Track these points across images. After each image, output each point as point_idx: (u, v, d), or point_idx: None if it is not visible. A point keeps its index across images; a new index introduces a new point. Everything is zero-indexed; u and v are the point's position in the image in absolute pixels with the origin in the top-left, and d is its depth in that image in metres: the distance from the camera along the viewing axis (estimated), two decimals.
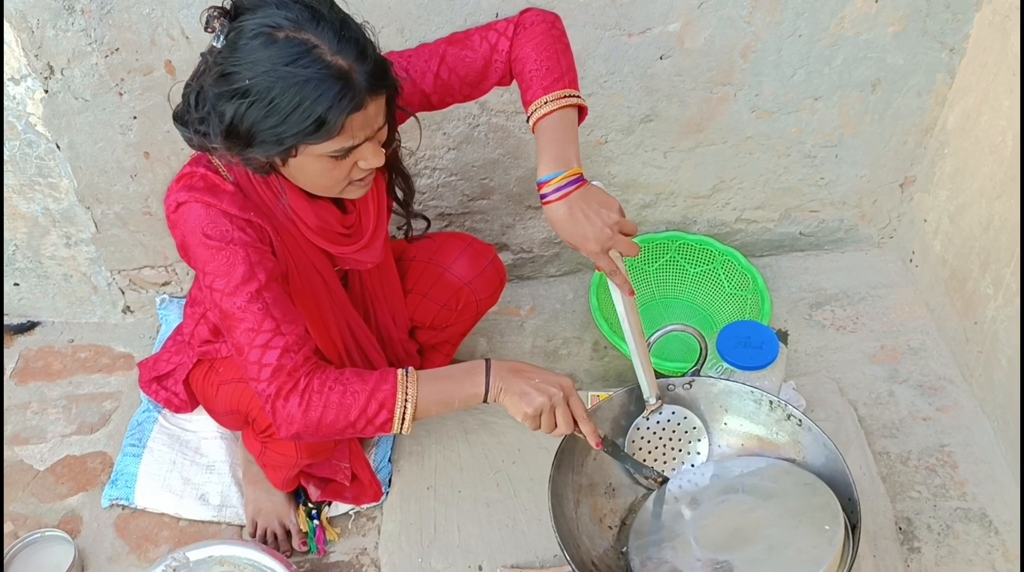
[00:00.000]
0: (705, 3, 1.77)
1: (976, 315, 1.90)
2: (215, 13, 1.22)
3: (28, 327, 2.26)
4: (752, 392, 1.50)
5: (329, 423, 1.28)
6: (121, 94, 1.78)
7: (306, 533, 1.81)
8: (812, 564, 1.23)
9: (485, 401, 1.33)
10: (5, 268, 2.14)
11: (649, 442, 1.54)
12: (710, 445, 1.54)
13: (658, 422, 1.53)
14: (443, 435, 1.92)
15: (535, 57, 1.39)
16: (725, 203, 2.16)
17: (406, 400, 1.28)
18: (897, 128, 2.03)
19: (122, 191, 1.96)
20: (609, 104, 1.93)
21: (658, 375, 1.54)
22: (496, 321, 2.23)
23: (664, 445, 1.54)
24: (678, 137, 2.01)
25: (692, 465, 1.54)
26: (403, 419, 1.29)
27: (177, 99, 1.30)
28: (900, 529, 1.75)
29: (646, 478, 1.51)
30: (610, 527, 1.48)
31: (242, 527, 1.84)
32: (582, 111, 1.43)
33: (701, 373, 1.53)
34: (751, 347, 1.66)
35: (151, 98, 1.80)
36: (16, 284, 2.18)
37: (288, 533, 1.80)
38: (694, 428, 1.55)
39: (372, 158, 1.28)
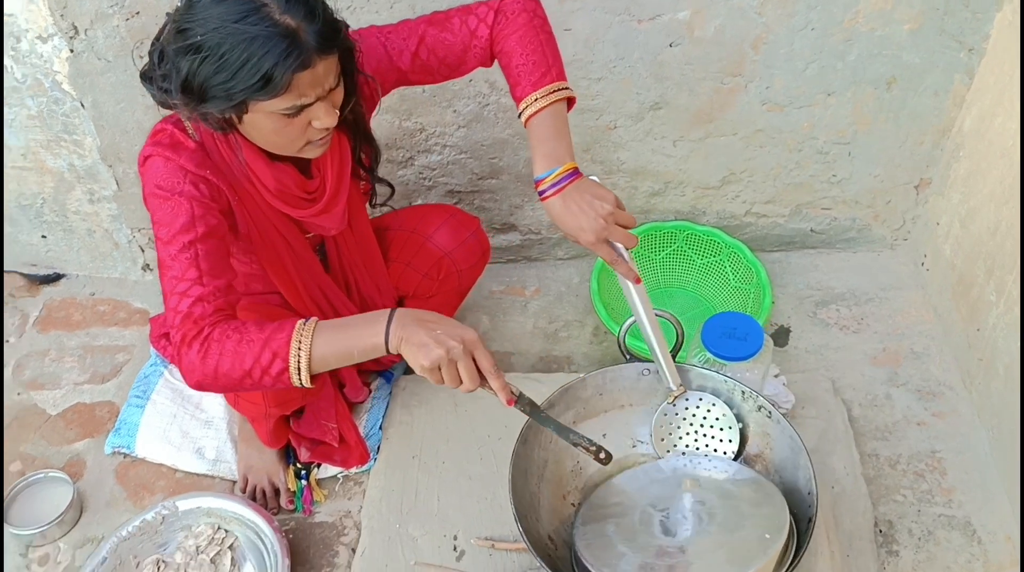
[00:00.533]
0: None
1: (979, 321, 1.87)
2: None
3: (54, 278, 2.36)
4: (725, 381, 1.50)
5: (226, 372, 1.26)
6: (142, 56, 1.83)
7: (294, 492, 1.86)
8: (738, 566, 1.23)
9: (388, 352, 1.26)
10: (34, 219, 2.23)
11: (679, 428, 1.55)
12: (742, 430, 1.52)
13: (687, 408, 1.54)
14: (434, 407, 1.96)
15: (520, 51, 1.42)
16: (735, 196, 2.15)
17: (299, 349, 1.24)
18: (913, 128, 2.00)
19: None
20: (618, 90, 1.93)
21: (635, 359, 1.55)
22: (500, 300, 2.26)
23: (696, 432, 1.55)
24: (688, 126, 2.01)
25: (724, 453, 1.52)
26: (299, 369, 1.25)
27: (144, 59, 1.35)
28: (880, 532, 1.73)
29: (575, 445, 1.39)
30: (573, 504, 1.50)
31: (234, 483, 1.90)
32: (571, 100, 1.45)
33: (675, 359, 1.53)
34: (736, 338, 1.65)
35: None
36: (44, 236, 2.28)
37: (277, 491, 1.86)
38: (724, 415, 1.53)
39: (325, 118, 1.31)
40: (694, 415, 1.53)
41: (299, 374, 1.25)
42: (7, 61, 1.88)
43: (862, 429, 1.91)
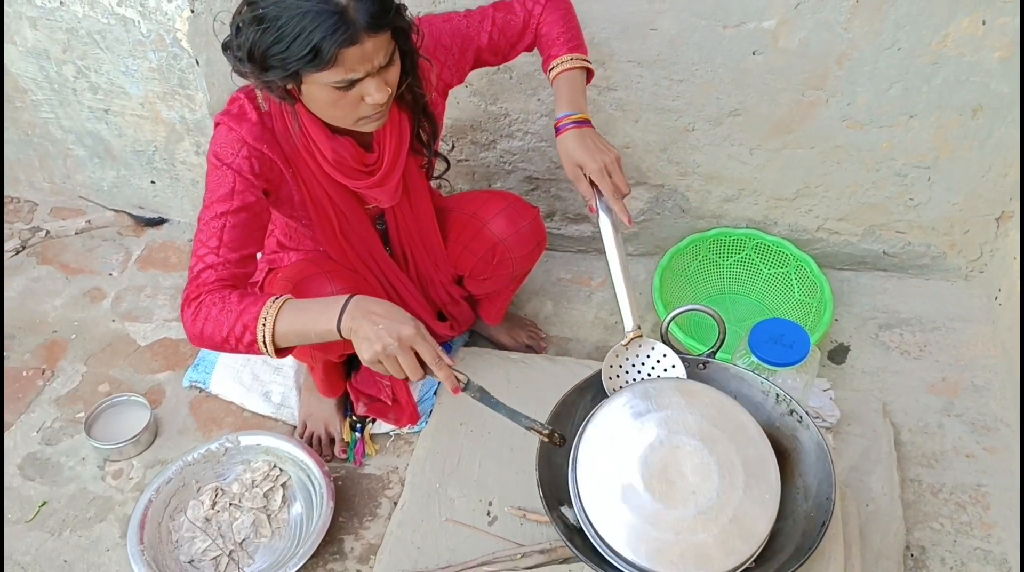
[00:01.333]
0: (802, 4, 1.79)
1: None
2: None
3: (158, 222, 2.55)
4: (762, 382, 1.53)
5: (209, 335, 1.39)
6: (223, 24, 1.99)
7: (347, 443, 1.98)
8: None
9: (341, 337, 1.34)
10: (145, 165, 2.42)
11: (628, 373, 1.57)
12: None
13: (638, 356, 1.57)
14: (487, 379, 2.02)
15: (562, 23, 1.67)
16: (808, 209, 2.16)
17: (264, 325, 1.35)
18: (997, 159, 1.97)
19: None
20: (699, 93, 1.98)
21: (679, 353, 1.60)
22: (566, 288, 2.33)
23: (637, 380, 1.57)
24: (766, 135, 2.03)
25: None
26: (264, 343, 1.36)
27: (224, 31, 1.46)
28: (912, 556, 1.74)
29: (528, 429, 1.42)
30: None
31: (294, 427, 2.03)
32: (590, 74, 1.69)
33: (717, 356, 1.57)
34: (783, 345, 1.67)
35: None
36: (152, 182, 2.46)
37: (332, 440, 1.98)
38: (673, 366, 1.56)
39: (376, 93, 1.40)
40: (643, 363, 1.57)
41: (265, 347, 1.37)
42: (134, 14, 2.05)
43: (908, 454, 1.90)
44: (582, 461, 1.42)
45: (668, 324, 1.59)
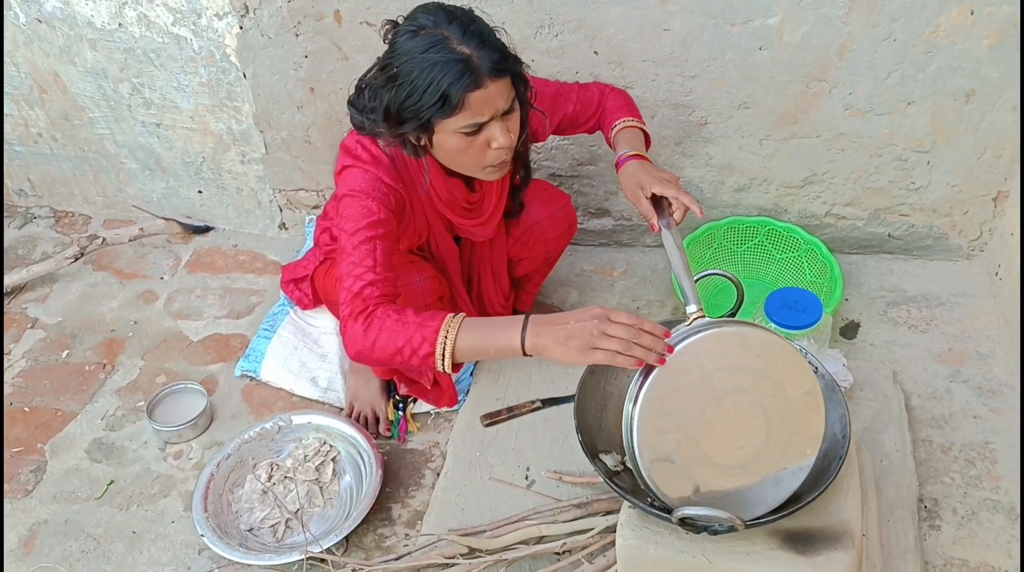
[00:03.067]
0: (804, 0, 1.95)
1: None
2: (388, 26, 1.59)
3: (204, 229, 2.72)
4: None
5: (381, 346, 1.46)
6: (297, 35, 2.17)
7: (392, 422, 2.12)
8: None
9: (525, 354, 1.40)
10: (193, 176, 2.59)
11: None
12: None
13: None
14: (520, 360, 2.17)
15: (623, 101, 1.91)
16: (816, 196, 2.31)
17: (446, 338, 1.42)
18: (992, 141, 2.11)
19: (289, 120, 2.35)
20: (710, 87, 2.13)
21: None
22: (590, 278, 2.47)
23: None
24: (773, 126, 2.18)
25: None
26: (443, 356, 1.43)
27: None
28: (925, 507, 1.85)
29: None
30: None
31: (341, 409, 2.17)
32: (648, 140, 1.87)
33: (737, 316, 1.70)
34: (796, 310, 1.82)
35: (320, 41, 2.17)
36: (200, 191, 2.63)
37: (377, 419, 2.11)
38: None
39: (500, 137, 1.56)
40: None
41: (443, 360, 1.44)
42: (187, 33, 2.24)
43: (919, 417, 2.02)
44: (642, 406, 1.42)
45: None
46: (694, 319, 1.63)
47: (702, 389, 1.39)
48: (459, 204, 1.80)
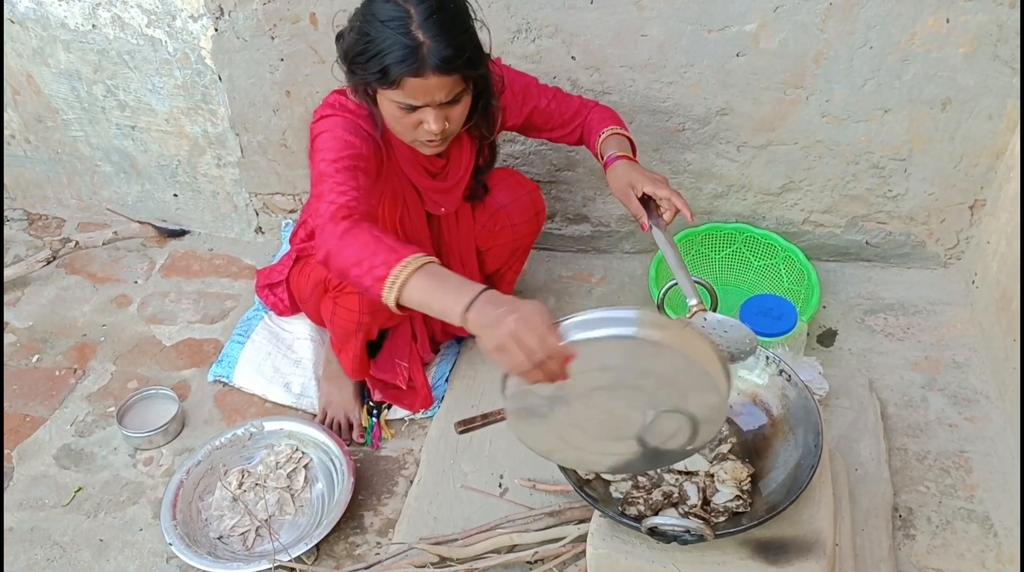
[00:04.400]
0: (781, 7, 1.94)
1: (1017, 333, 1.96)
2: None
3: (180, 233, 2.69)
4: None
5: (349, 252, 1.42)
6: (273, 38, 2.15)
7: (365, 428, 2.09)
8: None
9: (460, 322, 1.29)
10: (168, 179, 2.57)
11: None
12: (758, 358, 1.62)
13: (703, 327, 1.61)
14: (494, 365, 2.16)
15: (609, 115, 1.91)
16: (794, 203, 2.30)
17: (403, 269, 1.36)
18: (968, 149, 2.11)
19: (265, 123, 2.33)
20: (687, 94, 2.13)
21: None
22: (567, 284, 2.46)
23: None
24: (751, 133, 2.18)
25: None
26: (392, 286, 1.36)
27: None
28: (900, 516, 1.84)
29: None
30: None
31: (314, 416, 2.14)
32: (634, 151, 1.86)
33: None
34: (771, 317, 1.81)
35: (296, 44, 2.15)
36: (175, 195, 2.61)
37: (351, 426, 2.09)
38: (747, 339, 1.58)
39: (432, 123, 1.59)
40: (712, 331, 1.63)
41: (390, 290, 1.37)
42: (161, 35, 2.21)
43: (894, 426, 2.01)
44: None
45: (664, 297, 1.72)
46: (695, 313, 1.62)
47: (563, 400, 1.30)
48: (421, 164, 1.81)
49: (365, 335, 1.95)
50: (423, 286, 1.36)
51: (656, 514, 1.49)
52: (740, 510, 1.49)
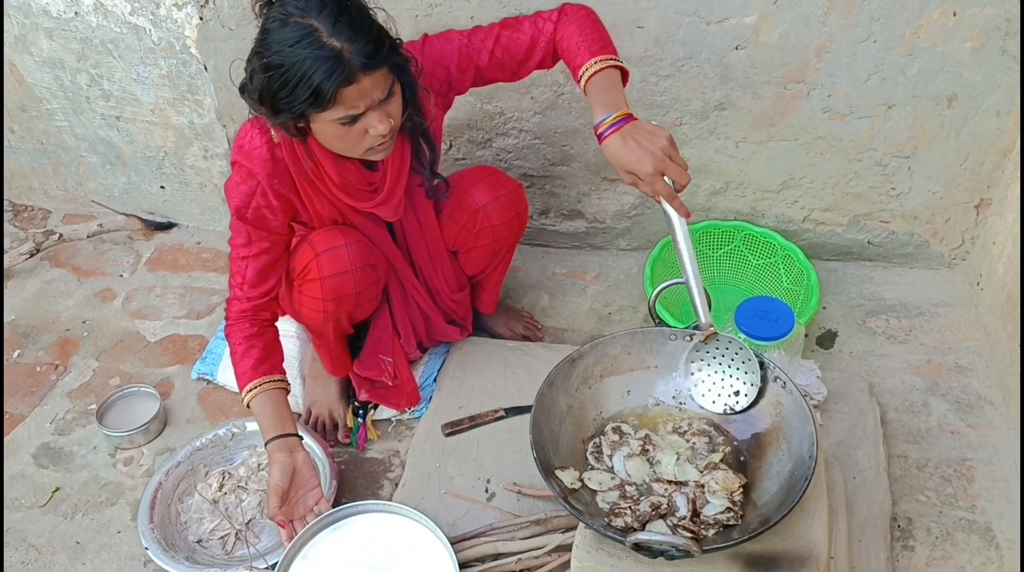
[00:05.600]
0: None
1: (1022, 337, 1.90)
2: (261, 2, 1.53)
3: (167, 226, 2.64)
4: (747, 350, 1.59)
5: (232, 352, 1.79)
6: (258, 27, 2.08)
7: (350, 429, 2.04)
8: None
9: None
10: (155, 171, 2.51)
11: (709, 366, 1.60)
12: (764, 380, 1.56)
13: (716, 349, 1.59)
14: (485, 366, 2.11)
15: (579, 33, 1.63)
16: (794, 201, 2.24)
17: (248, 394, 1.76)
18: (974, 147, 2.04)
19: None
20: (685, 88, 2.06)
21: (663, 324, 1.66)
22: (562, 282, 2.40)
23: (723, 372, 1.59)
24: (750, 128, 2.11)
25: (744, 395, 1.57)
26: (243, 400, 1.77)
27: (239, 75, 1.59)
28: (899, 526, 1.78)
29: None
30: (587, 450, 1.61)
31: (299, 415, 2.09)
32: (625, 75, 1.62)
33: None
34: (768, 320, 1.75)
35: None
36: (162, 187, 2.55)
37: (336, 426, 2.04)
38: (748, 361, 1.56)
39: (378, 125, 1.53)
40: (723, 355, 1.59)
41: (243, 401, 1.77)
42: (145, 23, 2.15)
43: (894, 432, 1.96)
44: None
45: (655, 300, 1.66)
46: (707, 336, 1.57)
47: None
48: (357, 187, 1.73)
49: (336, 326, 1.88)
50: (256, 410, 1.77)
51: (644, 526, 1.44)
52: (731, 523, 1.44)
